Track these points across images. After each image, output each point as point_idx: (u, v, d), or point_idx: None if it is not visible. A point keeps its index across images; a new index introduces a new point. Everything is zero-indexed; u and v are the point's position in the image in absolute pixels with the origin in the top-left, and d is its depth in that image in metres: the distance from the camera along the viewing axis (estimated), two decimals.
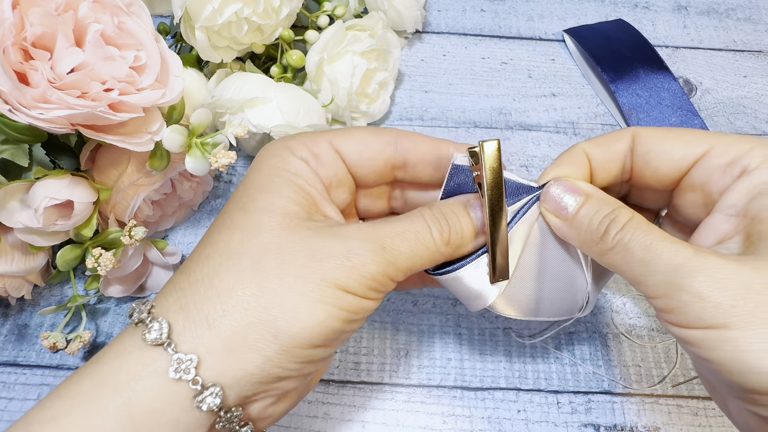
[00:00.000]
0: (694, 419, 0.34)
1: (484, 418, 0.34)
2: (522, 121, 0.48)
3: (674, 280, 0.20)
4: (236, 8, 0.37)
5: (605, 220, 0.24)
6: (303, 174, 0.24)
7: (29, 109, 0.27)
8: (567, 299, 0.28)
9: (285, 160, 0.25)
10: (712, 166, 0.24)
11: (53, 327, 0.37)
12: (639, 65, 0.49)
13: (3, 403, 0.34)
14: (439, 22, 0.55)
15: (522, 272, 0.27)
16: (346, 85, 0.41)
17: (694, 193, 0.26)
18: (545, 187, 0.26)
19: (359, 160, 0.26)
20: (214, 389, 0.20)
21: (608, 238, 0.23)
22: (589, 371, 0.36)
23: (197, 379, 0.20)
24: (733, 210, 0.23)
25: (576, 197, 0.25)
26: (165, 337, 0.21)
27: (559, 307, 0.29)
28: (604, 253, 0.24)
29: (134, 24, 0.31)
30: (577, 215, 0.25)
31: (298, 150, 0.25)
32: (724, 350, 0.19)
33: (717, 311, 0.19)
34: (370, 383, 0.35)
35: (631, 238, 0.22)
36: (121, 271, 0.34)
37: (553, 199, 0.26)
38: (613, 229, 0.23)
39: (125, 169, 0.34)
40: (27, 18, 0.28)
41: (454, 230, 0.25)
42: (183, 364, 0.20)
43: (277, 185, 0.24)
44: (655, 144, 0.26)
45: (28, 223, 0.30)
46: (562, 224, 0.25)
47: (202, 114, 0.33)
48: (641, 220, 0.23)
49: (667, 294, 0.21)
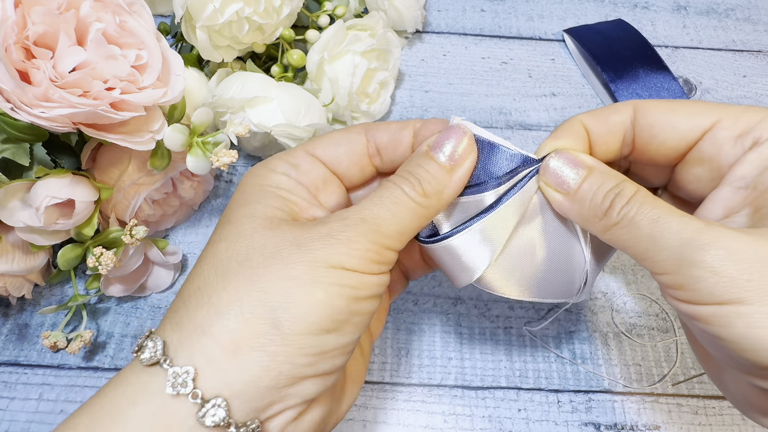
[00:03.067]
0: (695, 418, 0.34)
1: (484, 417, 0.34)
2: (522, 120, 0.48)
3: (685, 254, 0.19)
4: (237, 8, 0.37)
5: (610, 194, 0.22)
6: (285, 186, 0.24)
7: (31, 107, 0.27)
8: (564, 280, 0.27)
9: (266, 177, 0.25)
10: (722, 138, 0.23)
11: (54, 326, 0.37)
12: (639, 65, 0.49)
13: (4, 402, 0.34)
14: (440, 22, 0.55)
15: (518, 247, 0.26)
16: (347, 85, 0.41)
17: (701, 166, 0.24)
18: (545, 160, 0.25)
19: (336, 157, 0.26)
20: (216, 400, 0.19)
21: (613, 212, 0.22)
22: (589, 370, 0.36)
23: (197, 392, 0.19)
24: (743, 182, 0.22)
25: (578, 170, 0.24)
26: (160, 354, 0.20)
27: (556, 287, 0.27)
28: (608, 228, 0.23)
29: (136, 23, 0.31)
30: (580, 189, 0.24)
31: (278, 166, 0.25)
32: (736, 326, 0.19)
33: (731, 286, 0.19)
34: (371, 382, 0.35)
35: (638, 212, 0.21)
36: (121, 271, 0.34)
37: (554, 173, 0.24)
38: (619, 203, 0.22)
39: (126, 168, 0.34)
40: (29, 17, 0.28)
41: (425, 180, 0.24)
42: (179, 377, 0.19)
43: (259, 196, 0.24)
44: (660, 116, 0.24)
45: (29, 222, 0.30)
46: (564, 199, 0.24)
47: (204, 113, 0.33)
48: (647, 194, 0.22)
49: (677, 270, 0.20)
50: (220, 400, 0.19)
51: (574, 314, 0.38)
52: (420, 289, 0.39)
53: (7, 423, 0.33)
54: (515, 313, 0.38)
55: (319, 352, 0.20)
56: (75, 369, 0.35)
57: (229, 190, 0.43)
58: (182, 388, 0.19)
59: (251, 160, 0.45)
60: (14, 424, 0.33)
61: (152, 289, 0.38)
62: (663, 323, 0.38)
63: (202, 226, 0.42)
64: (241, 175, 0.44)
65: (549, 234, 0.26)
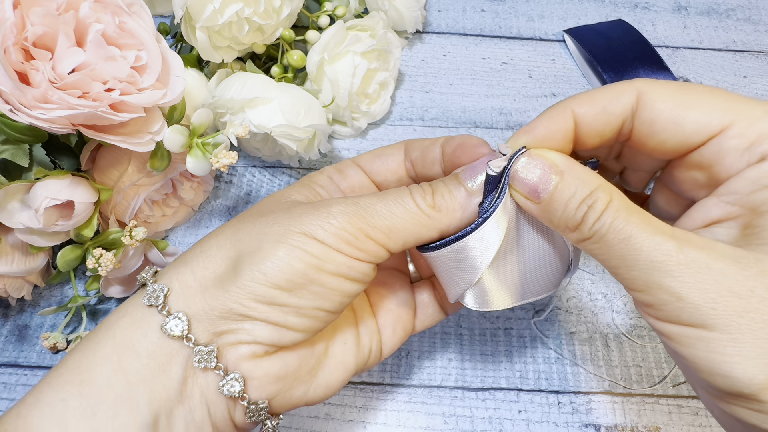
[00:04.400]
0: (695, 419, 0.34)
1: (485, 418, 0.34)
2: (522, 121, 0.48)
3: (653, 277, 0.20)
4: (237, 8, 0.37)
5: (582, 207, 0.21)
6: (324, 184, 0.28)
7: (30, 109, 0.27)
8: (551, 272, 0.27)
9: (312, 176, 0.28)
10: (729, 147, 0.21)
11: (54, 327, 0.37)
12: (639, 65, 0.49)
13: (4, 404, 0.34)
14: (440, 23, 0.55)
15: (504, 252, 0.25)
16: (347, 85, 0.41)
17: (700, 171, 0.23)
18: (513, 165, 0.23)
19: (375, 167, 0.29)
20: (178, 314, 0.22)
21: (584, 227, 0.21)
22: (589, 371, 0.36)
23: (165, 304, 0.22)
24: (734, 198, 0.22)
25: (549, 176, 0.22)
26: (149, 276, 0.24)
27: (546, 282, 0.27)
28: (580, 241, 0.22)
29: (135, 24, 0.31)
30: (551, 199, 0.22)
31: (326, 170, 0.29)
32: (697, 348, 0.19)
33: (696, 312, 0.19)
34: (371, 384, 0.35)
35: (609, 229, 0.21)
36: (121, 272, 0.34)
37: (523, 180, 0.23)
38: (591, 217, 0.21)
39: (126, 169, 0.34)
40: (28, 18, 0.28)
41: (439, 193, 0.24)
42: (155, 293, 0.23)
43: (297, 187, 0.27)
44: (665, 111, 0.22)
45: (28, 224, 0.30)
46: (535, 207, 0.23)
47: (203, 114, 0.33)
48: (621, 205, 0.21)
49: (646, 289, 0.20)
50: (181, 314, 0.22)
51: (574, 315, 0.38)
52: None
53: None
54: (515, 314, 0.38)
55: (268, 302, 0.23)
56: None
57: (229, 191, 0.43)
58: (155, 301, 0.22)
59: (251, 160, 0.45)
60: None
61: None
62: None
63: (201, 227, 0.42)
64: (241, 176, 0.44)
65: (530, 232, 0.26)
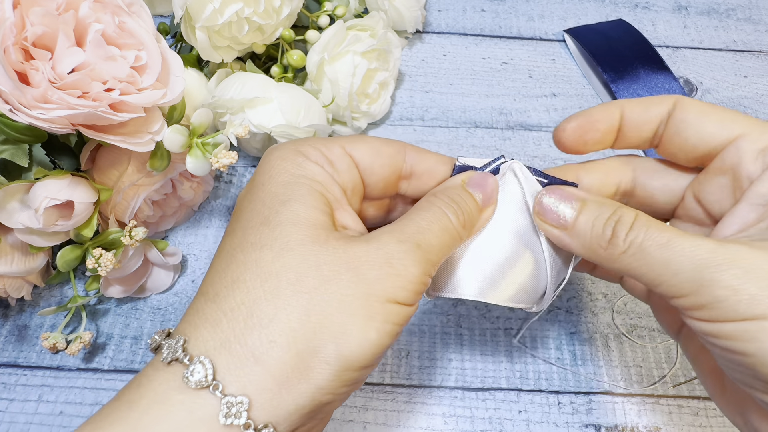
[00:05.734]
0: (695, 419, 0.34)
1: (485, 418, 0.34)
2: (522, 121, 0.48)
3: (703, 275, 0.19)
4: (237, 8, 0.37)
5: (610, 222, 0.22)
6: (321, 179, 0.23)
7: (30, 109, 0.27)
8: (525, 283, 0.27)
9: (301, 166, 0.23)
10: (744, 149, 0.23)
11: (53, 328, 0.37)
12: (639, 65, 0.49)
13: (4, 404, 0.34)
14: (440, 22, 0.54)
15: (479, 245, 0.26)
16: (347, 85, 0.41)
17: (724, 176, 0.24)
18: (538, 198, 0.25)
19: (371, 166, 0.25)
20: (268, 430, 0.19)
21: (618, 241, 0.22)
22: (589, 371, 0.36)
23: (249, 422, 0.19)
24: (762, 199, 0.22)
25: (572, 203, 0.24)
26: (211, 379, 0.19)
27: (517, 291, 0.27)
28: (615, 258, 0.22)
29: (135, 24, 0.31)
30: (577, 222, 0.24)
31: (312, 154, 0.24)
32: (761, 341, 0.19)
33: (753, 302, 0.19)
34: (371, 384, 0.35)
35: (645, 237, 0.21)
36: (121, 272, 0.34)
37: (549, 209, 0.25)
38: (622, 231, 0.22)
39: (125, 169, 0.34)
40: (28, 18, 0.28)
41: (466, 213, 0.24)
42: (233, 408, 0.19)
43: (298, 194, 0.22)
44: (693, 115, 0.25)
45: (28, 224, 0.30)
46: (563, 234, 0.24)
47: (203, 114, 0.33)
48: (648, 218, 0.22)
49: (697, 291, 0.20)
50: (270, 430, 0.19)
51: (574, 315, 0.38)
52: None
53: (7, 424, 0.33)
54: (515, 315, 0.38)
55: (356, 382, 0.21)
56: (74, 370, 0.35)
57: (229, 191, 0.43)
58: (236, 419, 0.19)
59: (251, 160, 0.45)
60: (13, 426, 0.33)
61: (152, 290, 0.38)
62: None
63: (201, 227, 0.42)
64: (241, 176, 0.44)
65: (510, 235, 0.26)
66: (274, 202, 0.22)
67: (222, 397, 0.19)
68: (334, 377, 0.20)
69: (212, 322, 0.20)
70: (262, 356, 0.19)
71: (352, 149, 0.25)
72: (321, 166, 0.24)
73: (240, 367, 0.19)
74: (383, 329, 0.21)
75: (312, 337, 0.20)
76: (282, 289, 0.20)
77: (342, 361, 0.20)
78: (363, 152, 0.25)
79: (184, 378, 0.19)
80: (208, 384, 0.19)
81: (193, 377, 0.19)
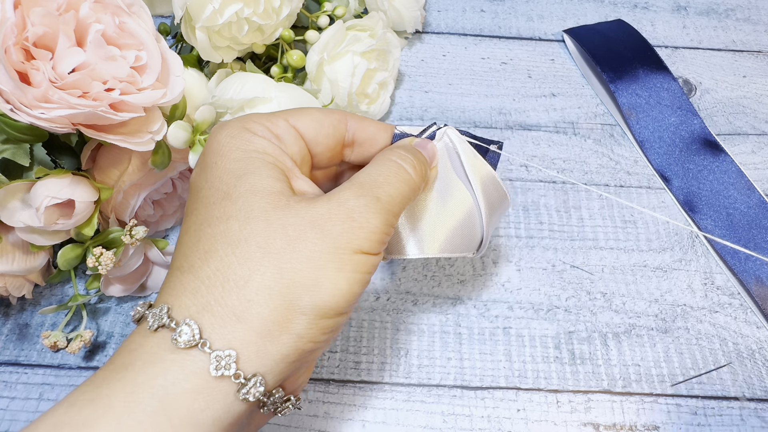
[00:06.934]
0: (693, 418, 0.34)
1: (483, 417, 0.34)
2: (522, 121, 0.48)
3: None
4: (237, 8, 0.37)
5: None
6: (271, 152, 0.24)
7: (31, 108, 0.27)
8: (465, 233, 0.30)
9: (250, 141, 0.24)
10: None
11: (54, 326, 0.37)
12: (638, 65, 0.49)
13: (4, 402, 0.34)
14: (439, 23, 0.55)
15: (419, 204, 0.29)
16: (347, 85, 0.42)
17: None
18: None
19: (316, 137, 0.27)
20: (257, 379, 0.21)
21: None
22: (588, 370, 0.36)
23: (239, 372, 0.20)
24: None
25: None
26: (198, 337, 0.20)
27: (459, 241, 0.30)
28: None
29: (135, 24, 0.31)
30: None
31: (259, 130, 0.25)
32: None
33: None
34: (370, 382, 0.35)
35: None
36: (121, 271, 0.34)
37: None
38: None
39: (126, 168, 0.34)
40: (28, 18, 0.28)
41: (422, 165, 0.26)
42: (222, 360, 0.20)
43: (253, 167, 0.23)
44: None
45: (29, 223, 0.30)
46: None
47: (206, 111, 0.33)
48: None
49: None
50: (260, 378, 0.21)
51: (573, 314, 0.38)
52: (419, 289, 0.39)
53: (8, 423, 0.33)
54: (514, 314, 0.38)
55: (334, 329, 0.23)
56: (75, 369, 0.35)
57: None
58: (226, 370, 0.20)
59: None
60: (15, 424, 0.33)
61: (152, 289, 0.38)
62: (662, 323, 0.38)
63: None
64: None
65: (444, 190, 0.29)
66: (231, 177, 0.23)
67: (210, 352, 0.20)
68: (312, 326, 0.22)
69: (191, 290, 0.22)
70: (242, 314, 0.21)
71: (296, 122, 0.26)
72: (269, 141, 0.25)
73: (223, 326, 0.21)
74: (353, 278, 0.22)
75: (286, 292, 0.21)
76: (252, 253, 0.22)
77: (317, 310, 0.21)
78: (306, 124, 0.26)
79: (173, 340, 0.20)
80: (197, 342, 0.20)
81: (181, 338, 0.20)
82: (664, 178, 0.45)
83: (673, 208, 0.43)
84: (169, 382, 0.20)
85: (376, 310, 0.38)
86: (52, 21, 0.28)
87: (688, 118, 0.47)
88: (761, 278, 0.39)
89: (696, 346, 0.37)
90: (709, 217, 0.42)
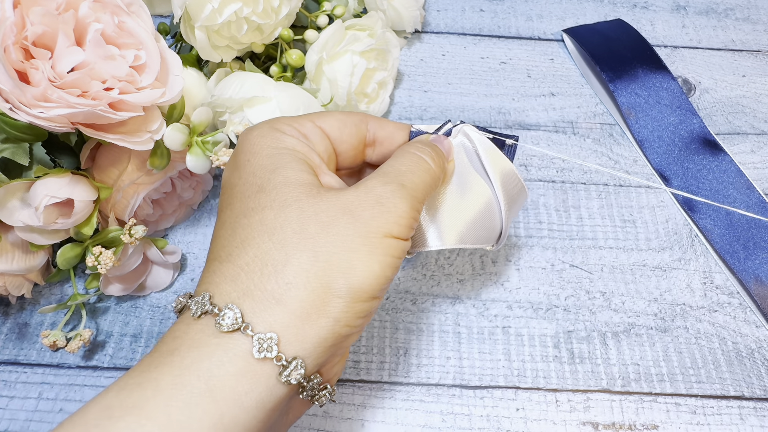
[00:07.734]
0: (693, 417, 0.34)
1: (482, 416, 0.34)
2: (521, 120, 0.48)
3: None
4: (236, 8, 0.37)
5: None
6: (300, 149, 0.26)
7: (30, 107, 0.27)
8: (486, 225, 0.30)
9: (280, 140, 0.25)
10: None
11: (53, 325, 0.37)
12: (638, 65, 0.49)
13: (4, 401, 0.34)
14: (438, 22, 0.55)
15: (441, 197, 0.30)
16: (346, 85, 0.42)
17: None
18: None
19: (340, 136, 0.28)
20: (297, 362, 0.21)
21: None
22: (587, 369, 0.36)
23: (280, 355, 0.21)
24: None
25: None
26: (240, 321, 0.21)
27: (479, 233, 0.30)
28: None
29: (134, 23, 0.31)
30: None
31: (288, 130, 0.26)
32: None
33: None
34: (369, 382, 0.35)
35: None
36: (121, 270, 0.34)
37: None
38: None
39: (125, 167, 0.34)
40: (28, 17, 0.28)
41: (440, 157, 0.28)
42: (264, 343, 0.21)
43: (284, 162, 0.25)
44: None
45: (28, 222, 0.30)
46: None
47: (203, 112, 0.33)
48: None
49: None
50: (300, 361, 0.21)
51: (572, 314, 0.38)
52: (419, 289, 0.39)
53: (7, 422, 0.33)
54: (513, 313, 0.38)
55: (368, 315, 0.23)
56: (74, 368, 0.35)
57: None
58: (268, 353, 0.21)
59: None
60: (14, 423, 0.33)
61: (151, 289, 0.38)
62: (661, 323, 0.38)
63: (201, 225, 0.42)
64: None
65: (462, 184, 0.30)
66: (264, 172, 0.24)
67: (253, 335, 0.21)
68: (347, 308, 0.22)
69: (231, 278, 0.22)
70: (282, 297, 0.22)
71: (321, 123, 0.28)
72: (297, 139, 0.26)
73: (264, 310, 0.22)
74: (384, 262, 0.23)
75: (323, 275, 0.22)
76: (288, 238, 0.22)
77: (352, 293, 0.22)
78: (331, 124, 0.28)
79: (217, 324, 0.21)
80: (239, 326, 0.21)
81: (224, 322, 0.21)
82: (663, 177, 0.45)
83: (672, 208, 0.43)
84: (214, 364, 0.20)
85: None
86: (51, 20, 0.28)
87: (687, 118, 0.47)
88: (760, 277, 0.39)
89: (695, 346, 0.37)
90: (709, 216, 0.42)
